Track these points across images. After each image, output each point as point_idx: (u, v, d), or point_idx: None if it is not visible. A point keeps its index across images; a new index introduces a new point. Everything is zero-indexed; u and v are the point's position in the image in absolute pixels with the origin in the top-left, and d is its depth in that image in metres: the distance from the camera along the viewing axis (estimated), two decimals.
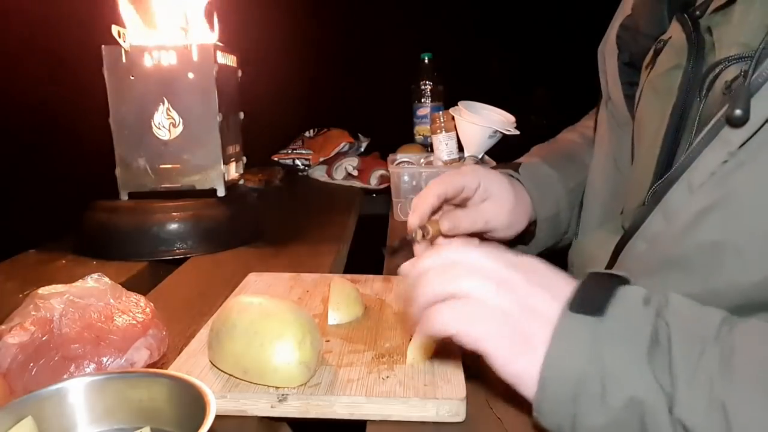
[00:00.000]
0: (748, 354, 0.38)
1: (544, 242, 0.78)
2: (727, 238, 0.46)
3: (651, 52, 0.61)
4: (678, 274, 0.50)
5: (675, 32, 0.58)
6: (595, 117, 0.75)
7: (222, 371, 0.53)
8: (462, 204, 0.73)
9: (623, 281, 0.44)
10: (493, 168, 0.79)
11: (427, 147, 1.58)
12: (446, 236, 0.70)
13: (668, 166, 0.55)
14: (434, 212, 0.71)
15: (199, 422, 0.36)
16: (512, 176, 0.76)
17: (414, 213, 0.68)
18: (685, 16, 0.56)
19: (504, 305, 0.44)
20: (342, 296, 0.66)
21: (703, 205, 0.47)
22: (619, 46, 0.66)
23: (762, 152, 0.44)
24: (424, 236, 0.68)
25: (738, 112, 0.44)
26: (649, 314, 0.41)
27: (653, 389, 0.38)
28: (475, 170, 0.71)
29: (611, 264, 0.60)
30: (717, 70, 0.51)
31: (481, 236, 0.73)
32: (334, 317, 0.64)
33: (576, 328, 0.41)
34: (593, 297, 0.42)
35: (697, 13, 0.56)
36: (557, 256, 0.77)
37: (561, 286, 0.45)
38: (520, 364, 0.43)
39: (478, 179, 0.70)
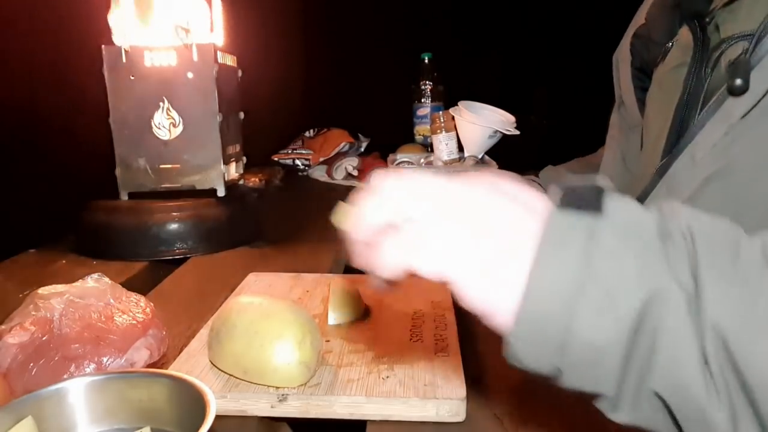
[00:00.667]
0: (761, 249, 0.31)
1: None
2: (726, 207, 0.48)
3: (661, 53, 0.64)
4: None
5: (683, 33, 0.60)
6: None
7: (222, 371, 0.53)
8: None
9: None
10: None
11: (427, 147, 1.59)
12: None
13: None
14: None
15: (199, 422, 0.36)
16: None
17: None
18: (695, 22, 0.58)
19: (465, 222, 0.34)
20: (342, 296, 0.66)
21: (704, 176, 0.49)
22: (632, 53, 0.68)
23: (761, 123, 0.46)
24: None
25: (738, 81, 0.47)
26: (650, 211, 0.34)
27: (669, 286, 0.30)
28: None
29: None
30: (721, 49, 0.53)
31: None
32: (334, 317, 0.64)
33: (568, 228, 0.32)
34: (583, 194, 0.33)
35: (707, 19, 0.57)
36: None
37: (533, 196, 0.35)
38: (498, 284, 0.33)
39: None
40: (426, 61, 1.71)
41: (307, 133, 1.91)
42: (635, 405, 0.32)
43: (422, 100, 1.70)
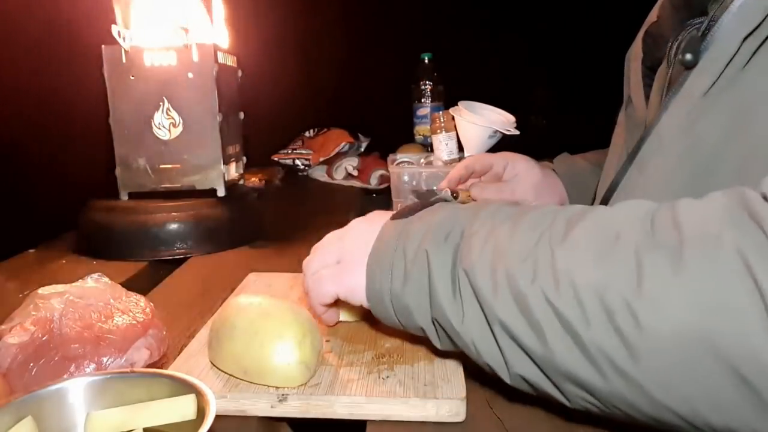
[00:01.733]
0: (531, 213, 0.44)
1: None
2: (695, 185, 0.49)
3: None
4: None
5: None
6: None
7: (222, 371, 0.53)
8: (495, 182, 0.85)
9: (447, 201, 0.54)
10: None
11: (427, 147, 1.59)
12: None
13: None
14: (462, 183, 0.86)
15: (199, 422, 0.36)
16: (549, 167, 0.85)
17: (445, 179, 0.84)
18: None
19: (336, 258, 0.56)
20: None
21: (672, 156, 0.51)
22: (644, 50, 0.68)
23: (721, 99, 0.47)
24: (455, 197, 0.77)
25: (688, 56, 0.49)
26: (465, 206, 0.49)
27: (439, 245, 0.45)
28: (504, 154, 0.84)
29: None
30: (683, 36, 0.55)
31: None
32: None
33: (390, 228, 0.51)
34: (411, 208, 0.52)
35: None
36: None
37: (383, 215, 0.55)
38: (355, 282, 0.52)
39: (506, 160, 0.83)
40: (426, 61, 1.71)
41: (307, 133, 1.91)
42: (440, 336, 0.47)
43: (422, 100, 1.70)
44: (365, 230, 0.54)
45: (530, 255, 0.40)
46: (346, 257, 0.54)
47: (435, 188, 0.80)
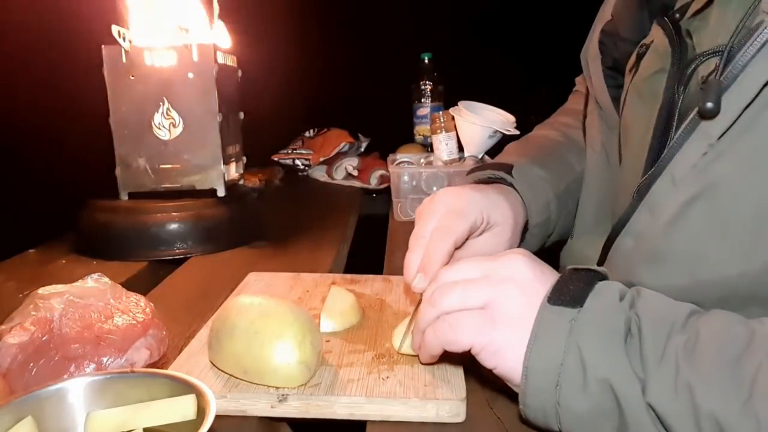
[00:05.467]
0: (710, 337, 0.39)
1: (532, 246, 0.75)
2: (711, 228, 0.47)
3: (634, 57, 0.61)
4: (665, 267, 0.50)
5: (657, 36, 0.58)
6: (571, 114, 0.75)
7: (222, 371, 0.53)
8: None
9: (601, 276, 0.47)
10: (485, 166, 0.76)
11: (427, 147, 1.58)
12: None
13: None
14: None
15: (199, 422, 0.36)
16: (503, 179, 0.72)
17: (423, 275, 0.57)
18: (666, 19, 0.56)
19: (481, 302, 0.47)
20: (336, 304, 0.65)
21: (686, 197, 0.48)
22: (602, 51, 0.66)
23: (740, 142, 0.45)
24: None
25: (709, 105, 0.46)
26: (623, 307, 0.43)
27: (627, 374, 0.40)
28: (475, 203, 0.64)
29: (601, 262, 0.61)
30: (693, 66, 0.52)
31: None
32: (327, 324, 0.63)
33: (555, 320, 0.43)
34: (572, 290, 0.45)
35: (677, 16, 0.56)
36: (546, 256, 0.76)
37: (539, 284, 0.47)
38: (509, 362, 0.45)
39: (482, 214, 0.64)
40: (426, 61, 1.71)
41: (307, 133, 1.91)
42: None
43: (422, 100, 1.70)
44: (518, 283, 0.47)
45: (743, 403, 0.37)
46: (497, 305, 0.47)
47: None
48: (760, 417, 0.35)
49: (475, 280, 0.49)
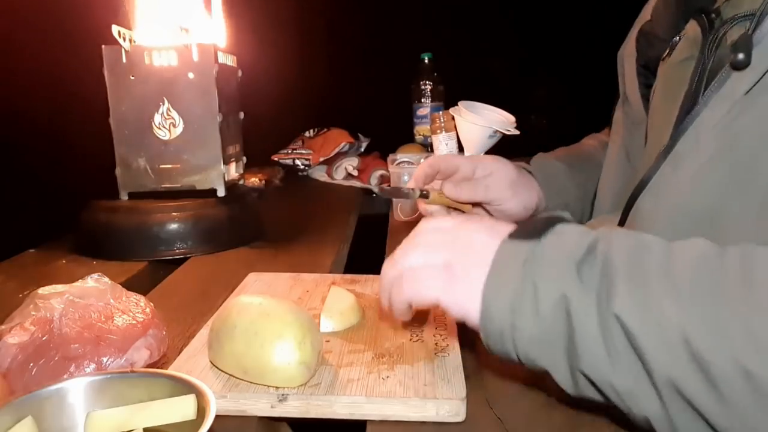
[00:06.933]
0: (686, 258, 0.39)
1: None
2: (731, 184, 0.48)
3: (668, 48, 0.63)
4: (684, 225, 0.51)
5: (691, 27, 0.60)
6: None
7: (222, 371, 0.53)
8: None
9: (568, 221, 0.48)
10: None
11: (427, 147, 1.59)
12: (456, 209, 0.76)
13: None
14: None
15: (199, 422, 0.36)
16: (522, 168, 0.80)
17: (412, 178, 0.75)
18: (702, 15, 0.58)
19: (444, 261, 0.48)
20: (336, 304, 0.65)
21: (709, 153, 0.50)
22: (638, 49, 0.68)
23: (763, 98, 0.47)
24: (424, 195, 0.73)
25: (741, 56, 0.48)
26: (586, 236, 0.44)
27: (581, 291, 0.40)
28: (472, 156, 0.79)
29: (621, 224, 0.61)
30: (723, 29, 0.54)
31: (491, 215, 0.76)
32: (327, 325, 0.63)
33: (512, 250, 0.45)
34: (535, 228, 0.46)
35: (713, 16, 0.57)
36: None
37: (502, 227, 0.48)
38: (465, 298, 0.46)
39: (474, 162, 0.75)
40: (426, 61, 1.71)
41: (307, 133, 1.91)
42: (575, 382, 0.42)
43: (422, 100, 1.70)
44: (480, 241, 0.47)
45: (711, 315, 0.36)
46: (456, 265, 0.47)
47: (402, 187, 0.76)
48: (731, 332, 0.35)
49: (437, 242, 0.50)
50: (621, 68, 0.72)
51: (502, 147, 1.20)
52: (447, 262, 0.48)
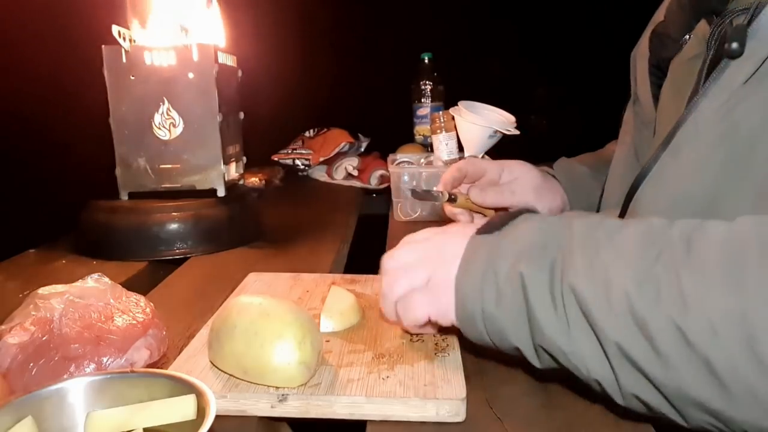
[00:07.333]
0: (635, 230, 0.42)
1: None
2: (730, 170, 0.49)
3: (678, 48, 0.64)
4: (683, 211, 0.52)
5: (701, 26, 0.61)
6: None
7: (222, 371, 0.53)
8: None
9: (532, 212, 0.52)
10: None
11: (427, 147, 1.59)
12: (481, 213, 0.80)
13: None
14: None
15: (199, 422, 0.36)
16: (547, 172, 0.84)
17: (440, 181, 0.80)
18: (714, 15, 0.58)
19: (425, 278, 0.52)
20: (336, 304, 0.65)
21: (707, 141, 0.51)
22: (651, 49, 0.69)
23: (761, 87, 0.48)
24: (452, 199, 0.77)
25: (734, 45, 0.49)
26: (546, 220, 0.48)
27: (535, 266, 0.44)
28: (499, 161, 0.81)
29: (622, 213, 0.62)
30: (724, 22, 0.54)
31: None
32: (327, 325, 0.63)
33: (479, 242, 0.49)
34: (498, 222, 0.50)
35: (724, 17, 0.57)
36: None
37: (470, 229, 0.53)
38: (448, 301, 0.50)
39: (501, 166, 0.81)
40: (426, 61, 1.71)
41: (307, 133, 1.91)
42: (539, 355, 0.46)
43: (422, 100, 1.70)
44: (451, 245, 0.51)
45: (650, 276, 0.38)
46: (435, 278, 0.52)
47: (432, 190, 0.78)
48: (664, 289, 0.38)
49: (415, 262, 0.54)
50: (633, 68, 0.73)
51: (503, 147, 1.20)
52: (427, 278, 0.52)
